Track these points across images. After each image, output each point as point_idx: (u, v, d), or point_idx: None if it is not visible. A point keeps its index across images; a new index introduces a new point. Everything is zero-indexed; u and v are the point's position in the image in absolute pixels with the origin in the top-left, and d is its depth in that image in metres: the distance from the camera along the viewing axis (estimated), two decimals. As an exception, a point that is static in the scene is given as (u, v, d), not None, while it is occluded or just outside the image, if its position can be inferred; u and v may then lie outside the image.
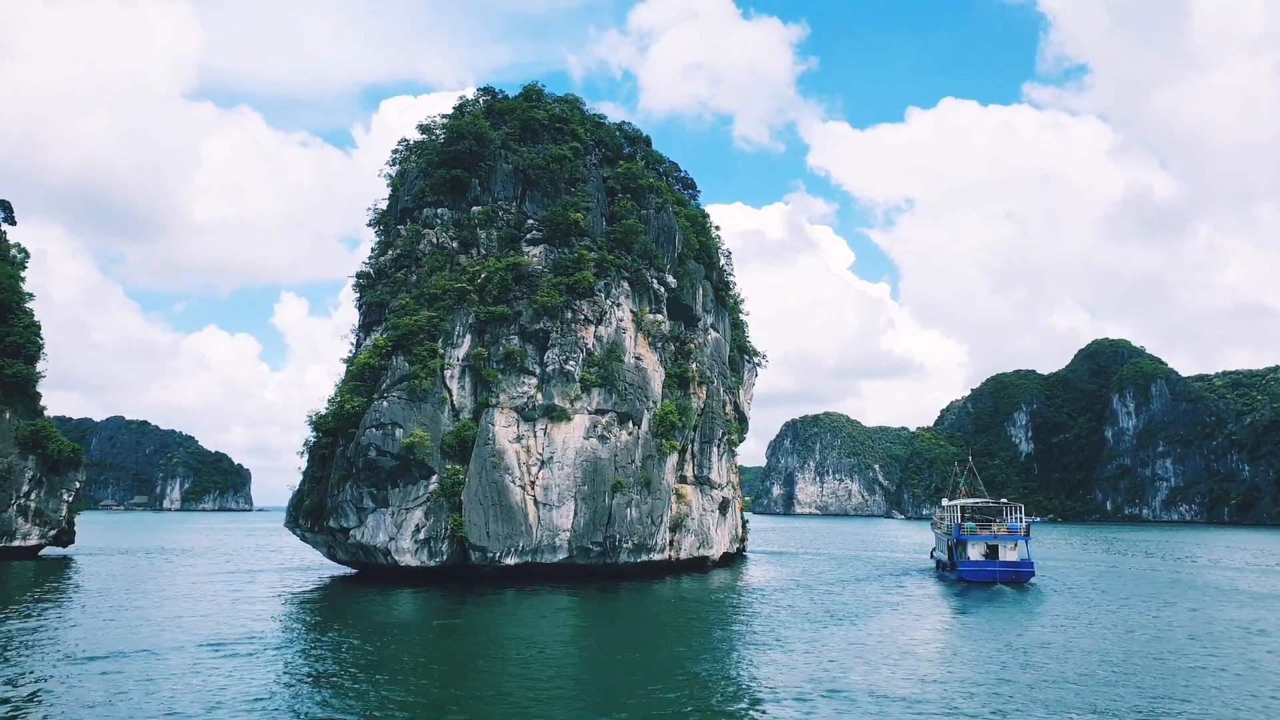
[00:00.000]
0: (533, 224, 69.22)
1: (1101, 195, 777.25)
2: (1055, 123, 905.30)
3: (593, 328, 67.59)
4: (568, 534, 63.91)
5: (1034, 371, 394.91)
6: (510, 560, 62.11)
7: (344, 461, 62.05)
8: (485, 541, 61.06)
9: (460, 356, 65.27)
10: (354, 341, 69.65)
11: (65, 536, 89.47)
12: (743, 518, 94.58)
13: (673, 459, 70.88)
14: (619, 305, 69.92)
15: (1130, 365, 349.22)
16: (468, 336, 65.65)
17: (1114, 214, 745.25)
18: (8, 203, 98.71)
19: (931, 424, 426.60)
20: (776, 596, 59.81)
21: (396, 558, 61.50)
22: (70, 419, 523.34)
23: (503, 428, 64.47)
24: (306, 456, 66.43)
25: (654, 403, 70.64)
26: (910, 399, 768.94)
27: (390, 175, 74.96)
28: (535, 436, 65.29)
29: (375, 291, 67.77)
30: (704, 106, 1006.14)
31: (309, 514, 64.98)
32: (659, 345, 72.77)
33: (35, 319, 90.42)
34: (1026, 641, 40.34)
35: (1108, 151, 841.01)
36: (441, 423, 63.88)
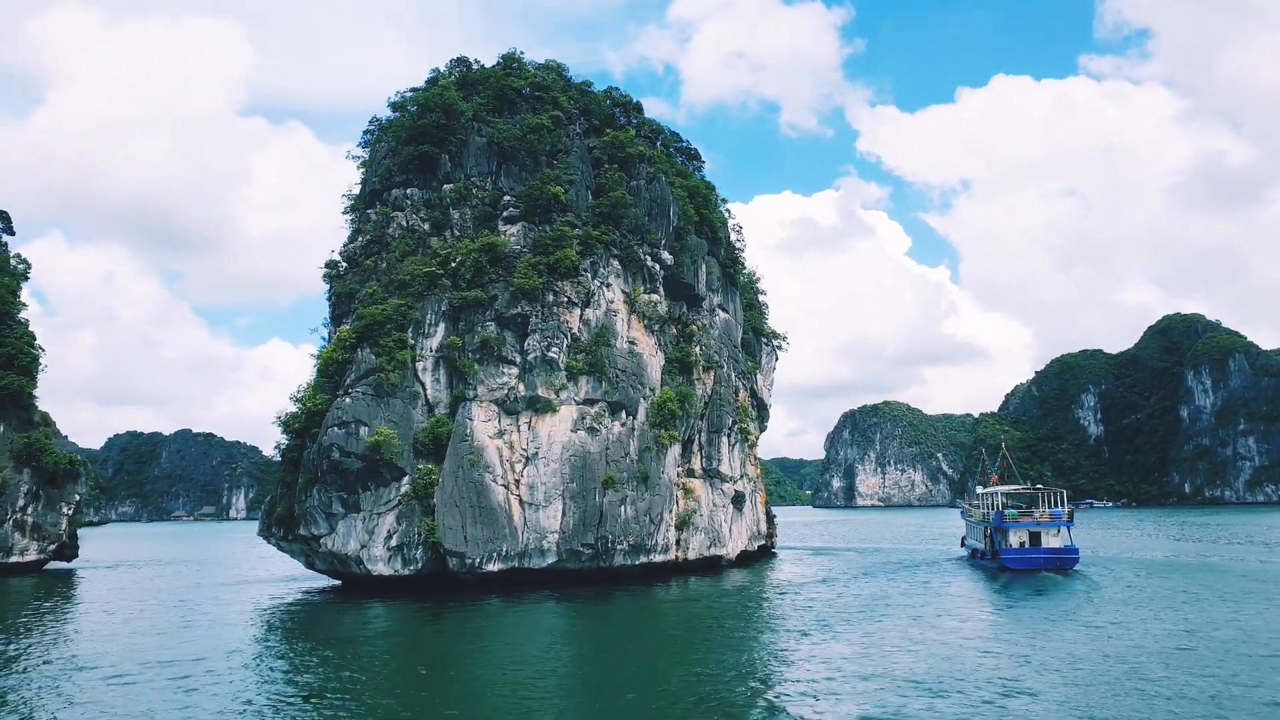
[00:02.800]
0: (509, 200, 63.95)
1: (1169, 165, 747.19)
2: (1116, 93, 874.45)
3: (578, 311, 62.14)
4: (556, 536, 58.60)
5: (1101, 351, 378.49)
6: (493, 566, 57.01)
7: (310, 464, 57.62)
8: (463, 547, 56.05)
9: (433, 347, 60.37)
10: (325, 335, 65.23)
11: (68, 550, 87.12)
12: (768, 512, 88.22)
13: (675, 451, 65.11)
14: (608, 285, 64.34)
15: (1205, 340, 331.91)
16: (441, 325, 60.71)
17: (1183, 183, 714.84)
18: (6, 213, 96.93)
19: (996, 409, 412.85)
20: (792, 597, 54.31)
21: (369, 567, 56.93)
22: (141, 433, 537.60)
23: (482, 422, 59.40)
24: (280, 460, 62.18)
25: (651, 390, 64.93)
26: (975, 384, 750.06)
27: (362, 157, 70.41)
28: (518, 431, 60.11)
29: (344, 281, 63.22)
30: (748, 95, 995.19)
31: (281, 521, 60.58)
32: (656, 328, 67.01)
33: (30, 329, 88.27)
34: (1067, 650, 33.86)
35: (1174, 119, 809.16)
36: (414, 419, 59.06)
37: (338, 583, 63.29)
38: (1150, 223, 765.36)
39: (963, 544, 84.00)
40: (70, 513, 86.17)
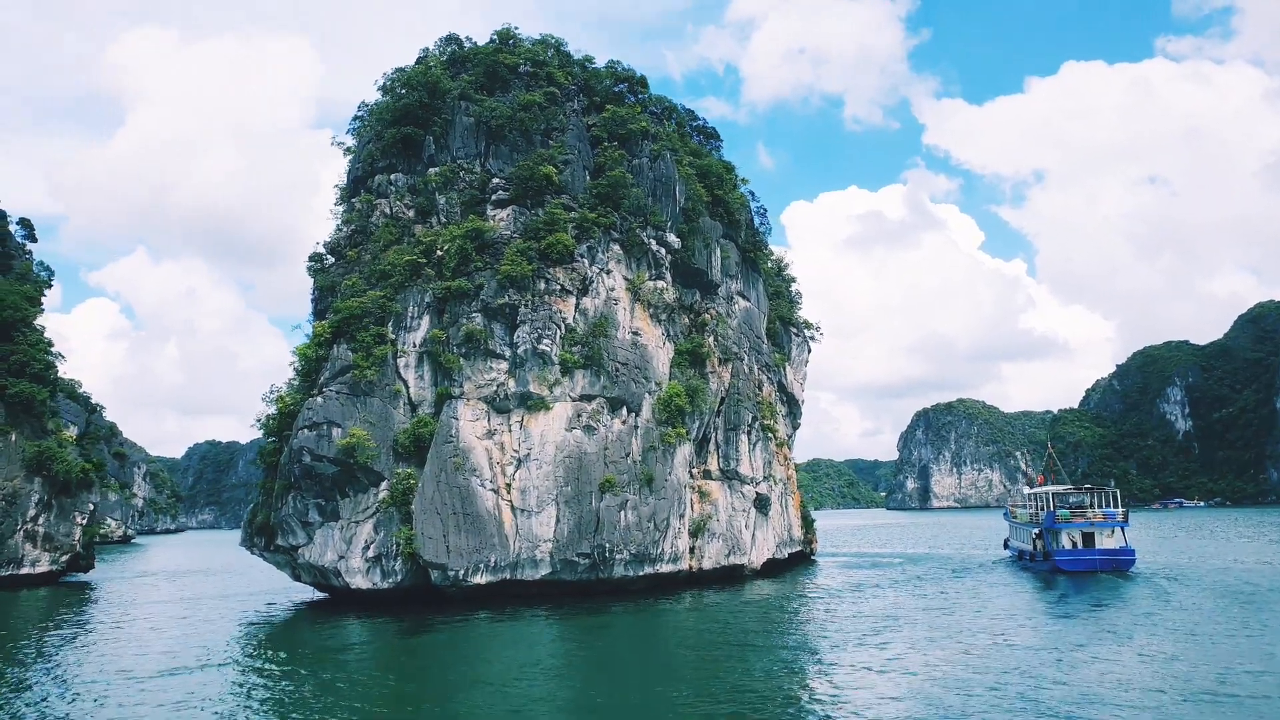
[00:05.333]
0: (498, 183, 59.35)
1: (1259, 146, 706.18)
2: (1197, 74, 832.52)
3: (573, 299, 57.25)
4: (549, 544, 53.77)
5: (1187, 342, 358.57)
6: (480, 578, 52.35)
7: (284, 470, 53.85)
8: (444, 558, 51.51)
9: (416, 341, 56.11)
10: (309, 333, 61.43)
11: (82, 561, 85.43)
12: (805, 516, 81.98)
13: (684, 450, 59.72)
14: (608, 272, 59.33)
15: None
16: (425, 318, 56.43)
17: (1276, 165, 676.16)
18: (28, 220, 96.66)
19: (1076, 406, 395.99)
20: (812, 610, 49.51)
21: (347, 579, 52.89)
22: (220, 442, 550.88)
23: (469, 421, 54.91)
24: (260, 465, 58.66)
25: (657, 385, 59.70)
26: (1055, 380, 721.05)
27: (348, 144, 66.51)
28: (509, 430, 55.48)
29: (328, 274, 59.41)
30: (810, 91, 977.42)
31: (262, 531, 57.07)
32: (663, 317, 61.75)
33: (45, 337, 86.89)
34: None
35: (1263, 97, 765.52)
36: (395, 419, 54.87)
37: (326, 595, 59.52)
38: (1241, 207, 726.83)
39: (1006, 546, 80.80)
40: (84, 523, 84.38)
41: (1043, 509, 66.13)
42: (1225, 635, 36.41)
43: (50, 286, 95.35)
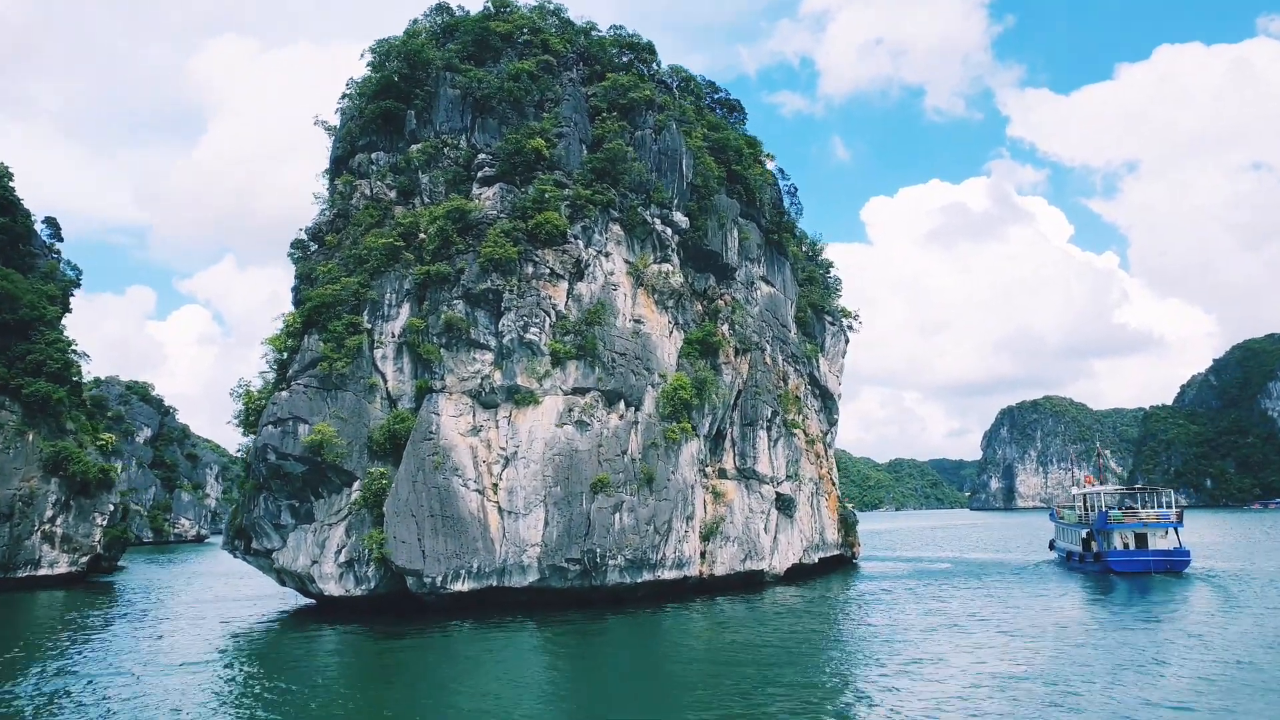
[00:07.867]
0: (484, 159, 55.04)
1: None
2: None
3: (564, 284, 52.62)
4: (537, 549, 49.27)
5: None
6: (462, 585, 48.17)
7: (254, 469, 50.55)
8: (419, 563, 47.41)
9: (395, 331, 52.19)
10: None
11: (103, 562, 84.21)
12: (844, 517, 75.75)
13: (692, 447, 54.62)
14: (606, 254, 54.57)
15: None
16: (404, 305, 52.49)
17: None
18: (54, 219, 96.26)
19: (1170, 402, 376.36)
20: (830, 622, 44.58)
21: (321, 585, 49.37)
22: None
23: (451, 417, 50.79)
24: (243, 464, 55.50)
25: (662, 376, 54.73)
26: (1152, 377, 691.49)
27: (333, 125, 62.77)
28: (496, 427, 51.19)
29: (308, 262, 55.95)
30: (889, 82, 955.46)
31: (241, 533, 53.88)
32: (670, 303, 56.74)
33: (65, 336, 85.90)
34: None
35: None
36: (370, 415, 51.04)
37: (312, 601, 56.10)
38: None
39: (1051, 547, 79.22)
40: (104, 523, 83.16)
41: (1092, 509, 63.64)
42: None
43: (79, 286, 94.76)
